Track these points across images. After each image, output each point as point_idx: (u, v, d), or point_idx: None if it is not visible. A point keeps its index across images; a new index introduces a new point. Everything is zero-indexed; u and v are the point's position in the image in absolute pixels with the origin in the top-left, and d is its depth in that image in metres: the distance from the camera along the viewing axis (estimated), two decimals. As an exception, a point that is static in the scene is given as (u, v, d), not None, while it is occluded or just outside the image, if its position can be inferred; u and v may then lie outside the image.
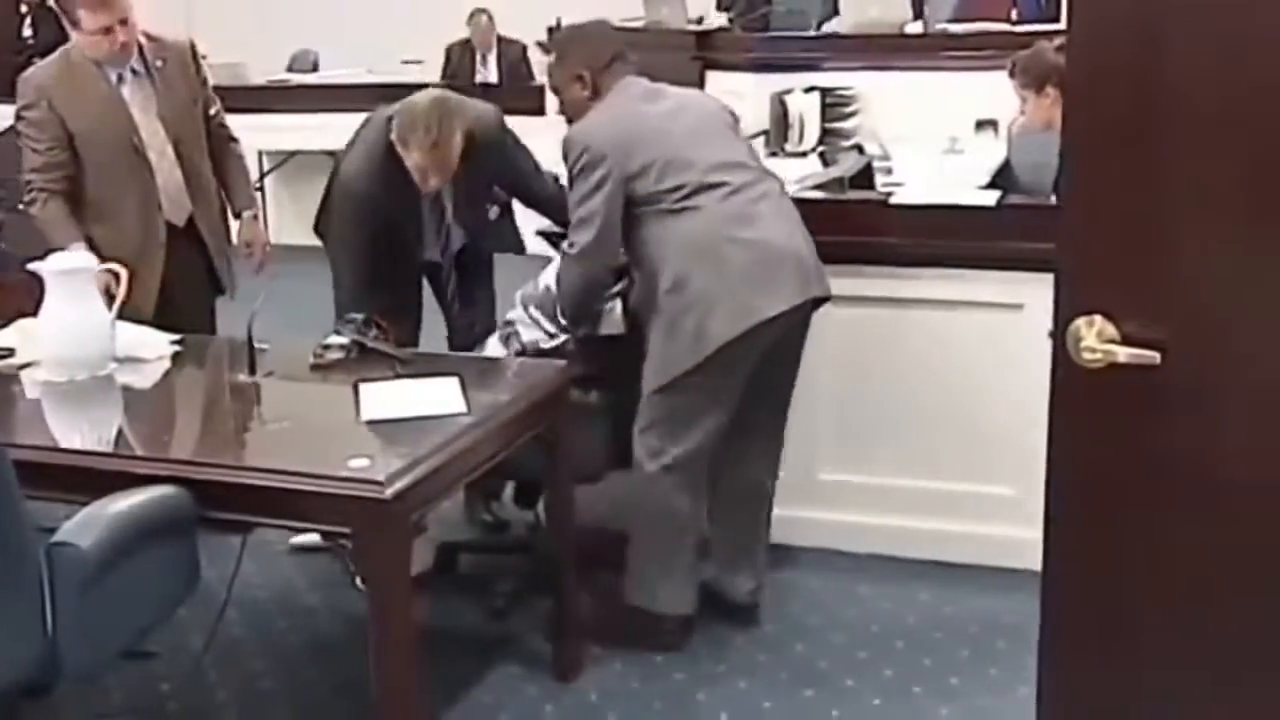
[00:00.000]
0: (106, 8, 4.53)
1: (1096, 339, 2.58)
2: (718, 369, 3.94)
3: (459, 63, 11.32)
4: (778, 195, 4.16)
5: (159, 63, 4.76)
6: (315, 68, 11.94)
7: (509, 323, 4.36)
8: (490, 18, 11.24)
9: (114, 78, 4.69)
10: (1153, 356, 2.52)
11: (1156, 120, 2.55)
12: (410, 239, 4.69)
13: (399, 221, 4.60)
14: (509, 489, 4.97)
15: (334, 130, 9.89)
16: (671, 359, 3.95)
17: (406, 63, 11.29)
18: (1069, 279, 2.66)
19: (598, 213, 3.97)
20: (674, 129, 4.10)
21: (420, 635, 3.38)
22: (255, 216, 5.22)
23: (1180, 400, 2.57)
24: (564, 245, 4.14)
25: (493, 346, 4.37)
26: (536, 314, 4.28)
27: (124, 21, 4.57)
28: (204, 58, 5.08)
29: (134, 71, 4.72)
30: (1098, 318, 2.58)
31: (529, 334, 4.31)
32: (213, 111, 5.03)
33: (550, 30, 9.32)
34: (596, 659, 4.14)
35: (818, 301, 4.11)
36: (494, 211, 4.91)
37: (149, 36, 4.77)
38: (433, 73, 11.20)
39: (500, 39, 11.26)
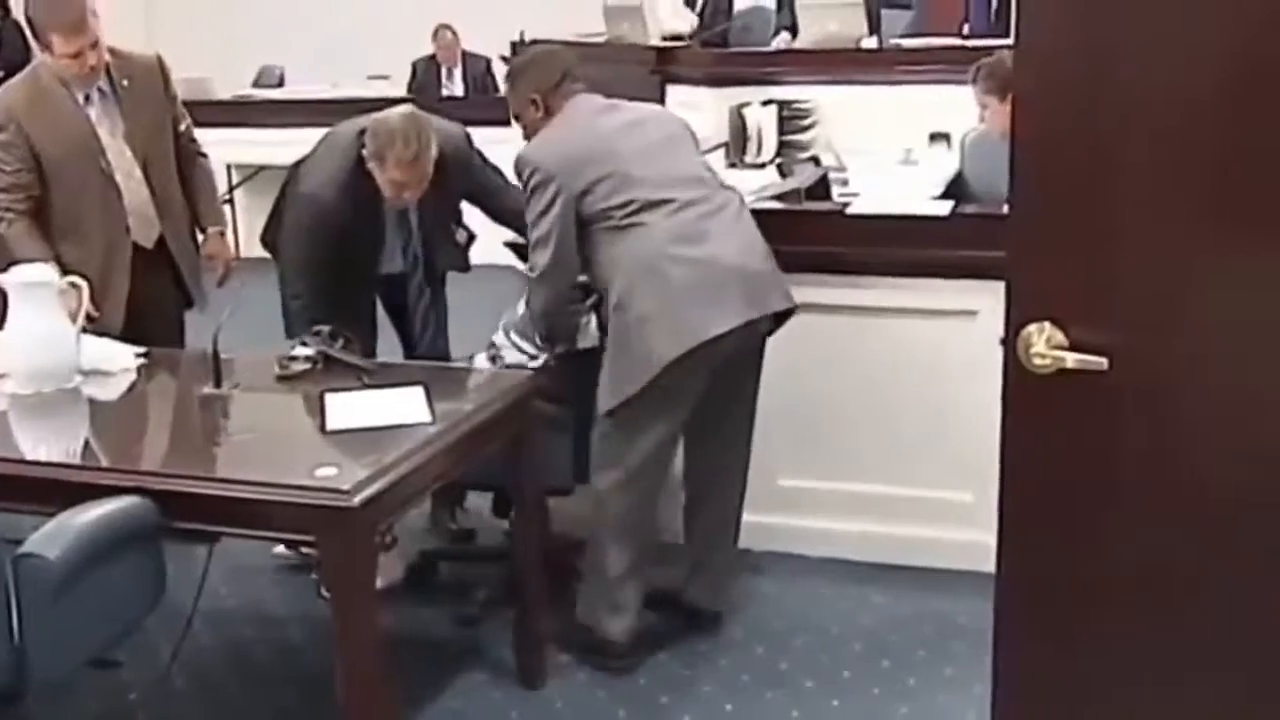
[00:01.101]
0: (79, 32, 4.47)
1: (1046, 345, 2.60)
2: (663, 388, 3.86)
3: (424, 77, 11.28)
4: (734, 211, 4.06)
5: (125, 81, 4.70)
6: (281, 83, 11.88)
7: (493, 345, 4.35)
8: (454, 33, 11.21)
9: (81, 99, 4.63)
10: (1100, 362, 2.55)
11: (1102, 131, 2.57)
12: (371, 252, 4.65)
13: (362, 235, 4.55)
14: (483, 499, 4.94)
15: (301, 145, 9.84)
16: (621, 380, 3.90)
17: (372, 78, 11.25)
18: (1018, 286, 2.68)
19: (552, 233, 3.93)
20: (624, 145, 4.03)
21: (388, 642, 3.37)
22: (221, 232, 5.16)
23: (1128, 404, 2.59)
24: (525, 267, 4.13)
25: (480, 364, 4.36)
26: (517, 339, 4.27)
27: (94, 44, 4.53)
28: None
29: (101, 92, 4.66)
30: (1047, 324, 2.60)
31: (513, 356, 4.30)
32: (182, 127, 4.98)
33: (514, 45, 9.33)
34: (562, 667, 4.13)
35: (781, 316, 4.07)
36: (462, 235, 4.87)
37: (115, 54, 4.70)
38: (398, 88, 11.16)
39: (465, 54, 11.23)
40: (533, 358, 4.22)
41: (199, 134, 5.16)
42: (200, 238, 5.08)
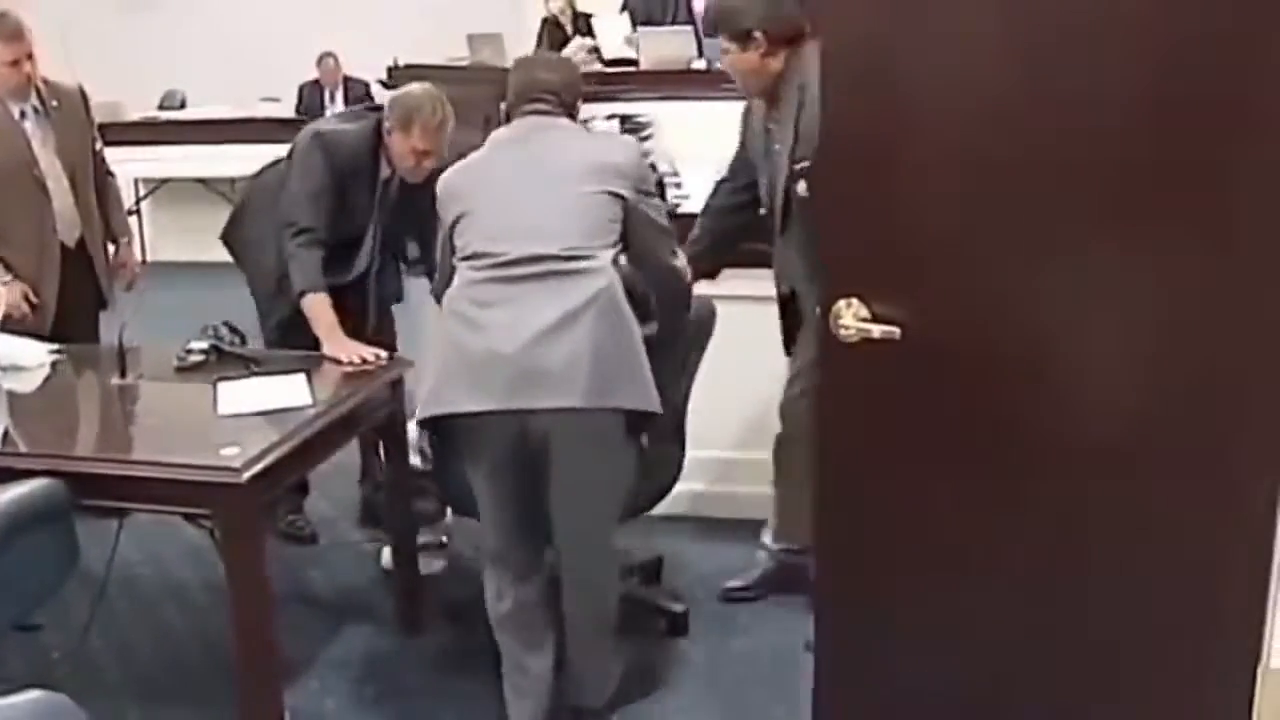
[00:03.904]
0: (18, 40, 4.44)
1: (853, 318, 2.65)
2: (463, 449, 3.23)
3: (310, 99, 11.16)
4: (563, 283, 3.10)
5: (54, 103, 4.64)
6: (184, 105, 11.69)
7: None
8: (336, 60, 11.10)
9: (17, 114, 4.55)
10: (894, 331, 2.63)
11: (892, 133, 2.62)
12: (358, 226, 4.23)
13: (356, 199, 4.17)
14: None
15: (201, 160, 9.74)
16: None
17: (265, 100, 11.09)
18: (830, 268, 2.72)
19: (438, 251, 3.44)
20: (500, 182, 3.28)
21: (281, 601, 3.33)
22: (129, 242, 5.08)
23: (917, 367, 2.64)
24: None
25: None
26: None
27: (29, 55, 4.48)
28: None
29: (35, 109, 4.59)
30: (854, 300, 2.65)
31: None
32: (97, 148, 4.90)
33: (389, 69, 9.20)
34: (441, 616, 4.07)
35: (638, 415, 3.18)
36: (413, 249, 4.53)
37: (45, 82, 4.64)
38: (288, 108, 11.02)
39: (346, 78, 11.12)
40: None
41: (113, 152, 5.11)
42: (111, 247, 4.96)
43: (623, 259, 3.29)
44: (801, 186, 3.68)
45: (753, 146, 4.01)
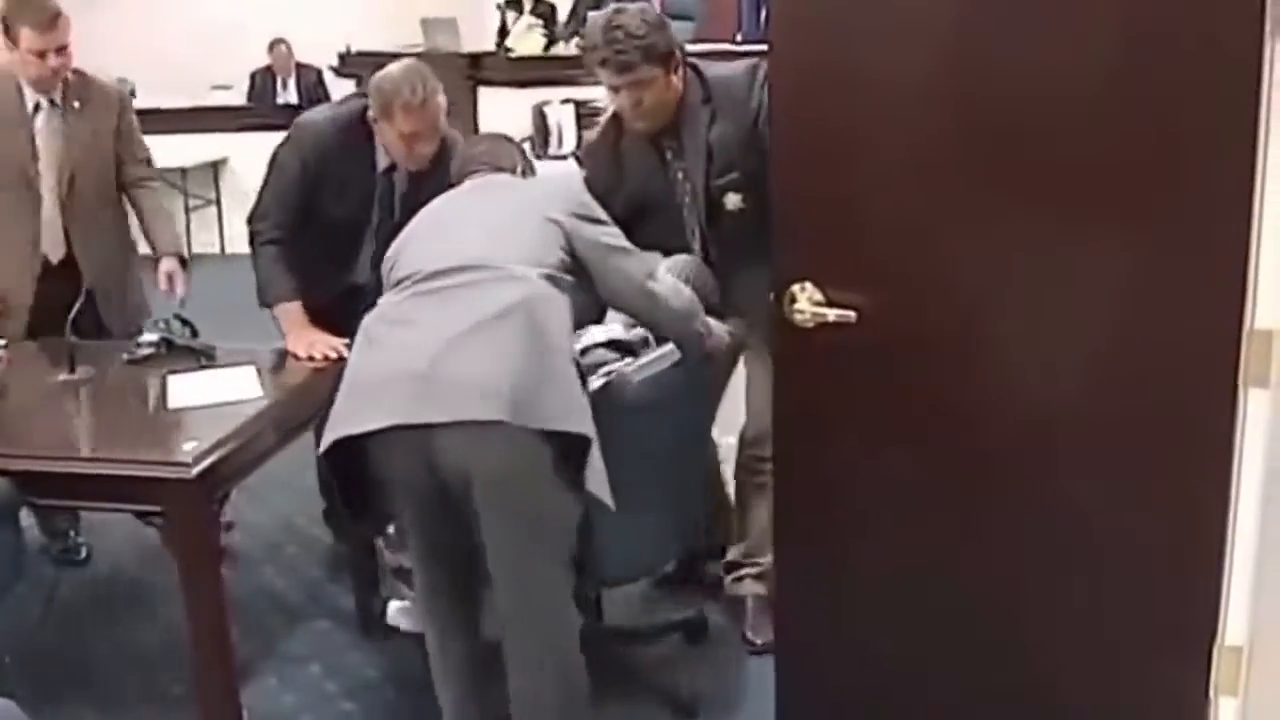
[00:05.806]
0: (51, 31, 4.04)
1: (807, 302, 2.67)
2: (386, 487, 2.93)
3: (262, 87, 11.15)
4: (483, 290, 2.83)
5: (76, 103, 4.22)
6: (132, 95, 11.54)
7: None
8: (288, 47, 11.07)
9: (31, 105, 4.20)
10: (849, 315, 2.64)
11: (846, 117, 2.64)
12: (353, 224, 3.96)
13: (349, 189, 3.89)
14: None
15: (153, 150, 9.64)
16: None
17: (216, 88, 11.02)
18: (783, 251, 2.74)
19: None
20: (432, 221, 3.14)
21: (241, 601, 3.32)
22: (177, 256, 4.46)
23: (874, 350, 2.67)
24: None
25: None
26: None
27: (60, 49, 4.08)
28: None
29: (52, 102, 4.20)
30: (808, 284, 2.67)
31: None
32: (141, 157, 4.49)
33: (341, 56, 9.16)
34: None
35: (569, 445, 2.74)
36: None
37: (80, 74, 4.25)
38: (239, 96, 10.96)
39: (298, 65, 11.09)
40: None
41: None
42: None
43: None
44: (732, 200, 3.58)
45: (629, 190, 3.70)
